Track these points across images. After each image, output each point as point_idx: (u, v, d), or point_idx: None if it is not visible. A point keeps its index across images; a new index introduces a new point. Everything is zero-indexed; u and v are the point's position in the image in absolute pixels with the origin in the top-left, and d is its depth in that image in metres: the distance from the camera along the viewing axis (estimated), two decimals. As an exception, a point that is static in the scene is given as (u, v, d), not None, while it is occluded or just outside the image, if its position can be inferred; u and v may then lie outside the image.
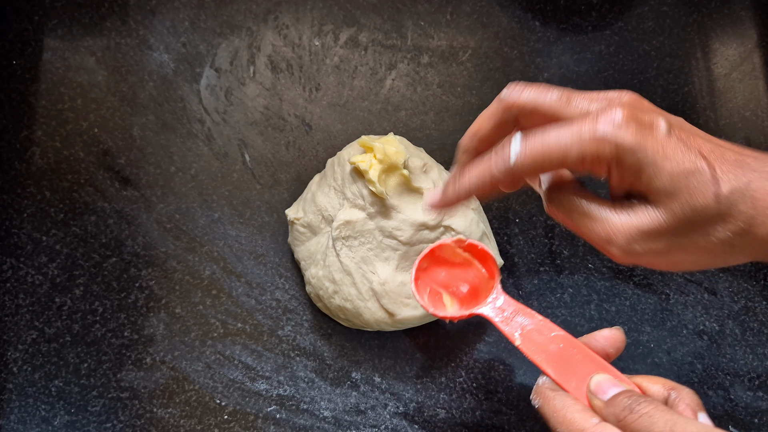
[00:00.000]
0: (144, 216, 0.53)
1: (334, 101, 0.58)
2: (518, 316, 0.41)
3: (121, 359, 0.50)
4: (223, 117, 0.56)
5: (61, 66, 0.56)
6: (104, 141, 0.55)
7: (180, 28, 0.58)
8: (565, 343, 0.38)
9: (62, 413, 0.49)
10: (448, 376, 0.51)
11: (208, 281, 0.52)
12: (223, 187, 0.55)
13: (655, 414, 0.31)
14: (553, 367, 0.38)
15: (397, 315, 0.48)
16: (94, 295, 0.51)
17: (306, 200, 0.52)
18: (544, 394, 0.37)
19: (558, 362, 0.38)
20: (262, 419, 0.49)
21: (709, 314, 0.54)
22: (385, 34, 0.59)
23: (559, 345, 0.38)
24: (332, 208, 0.50)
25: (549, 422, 0.36)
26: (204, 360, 0.50)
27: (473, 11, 0.60)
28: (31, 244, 0.52)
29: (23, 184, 0.53)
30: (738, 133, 0.59)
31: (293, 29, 0.59)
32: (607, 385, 0.35)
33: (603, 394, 0.35)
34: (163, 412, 0.49)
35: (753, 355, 0.53)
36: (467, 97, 0.58)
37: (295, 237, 0.52)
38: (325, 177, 0.51)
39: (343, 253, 0.48)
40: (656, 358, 0.53)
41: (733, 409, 0.52)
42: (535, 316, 0.40)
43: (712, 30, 0.61)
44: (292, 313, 0.52)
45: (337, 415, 0.50)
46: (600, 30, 0.61)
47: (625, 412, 0.32)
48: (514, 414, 0.51)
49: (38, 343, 0.50)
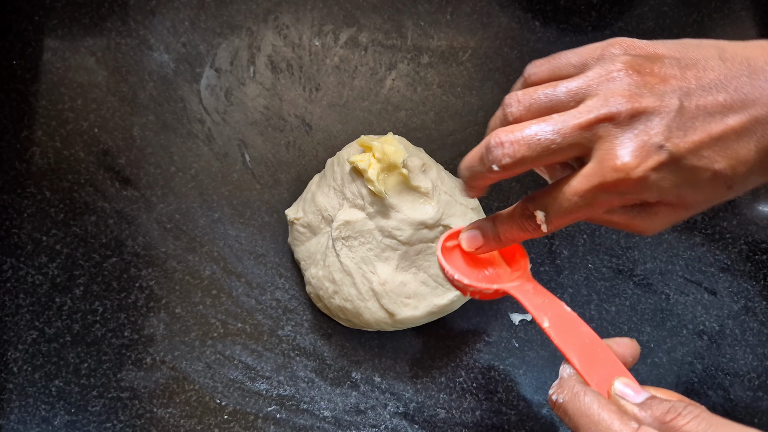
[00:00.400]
0: (144, 216, 0.53)
1: (334, 101, 0.58)
2: (547, 302, 0.39)
3: (121, 359, 0.50)
4: (223, 117, 0.56)
5: (62, 66, 0.56)
6: (104, 141, 0.55)
7: (180, 28, 0.58)
8: (590, 340, 0.37)
9: (62, 413, 0.49)
10: (448, 376, 0.51)
11: (208, 281, 0.52)
12: (223, 187, 0.55)
13: (709, 418, 0.30)
14: (578, 358, 0.36)
15: (397, 315, 0.48)
16: (95, 295, 0.51)
17: (306, 200, 0.52)
18: (571, 388, 0.34)
19: (583, 355, 0.36)
20: (262, 419, 0.49)
21: (709, 314, 0.54)
22: (385, 34, 0.59)
23: (586, 341, 0.37)
24: (332, 208, 0.50)
25: (572, 420, 0.33)
26: (204, 360, 0.50)
27: (473, 11, 0.60)
28: (31, 244, 0.52)
29: (23, 184, 0.53)
30: (738, 133, 0.59)
31: (293, 29, 0.59)
32: (636, 388, 0.34)
33: (634, 397, 0.33)
34: (163, 412, 0.49)
35: (753, 355, 0.53)
36: (467, 97, 0.58)
37: (295, 237, 0.52)
38: (324, 177, 0.51)
39: (343, 253, 0.48)
40: (656, 358, 0.53)
41: (733, 409, 0.52)
42: (564, 308, 0.38)
43: (712, 30, 0.61)
44: (292, 313, 0.52)
45: (337, 415, 0.50)
46: (600, 30, 0.61)
47: (671, 415, 0.31)
48: (514, 414, 0.51)
49: (38, 343, 0.50)
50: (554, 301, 0.39)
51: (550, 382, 0.52)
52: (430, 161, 0.51)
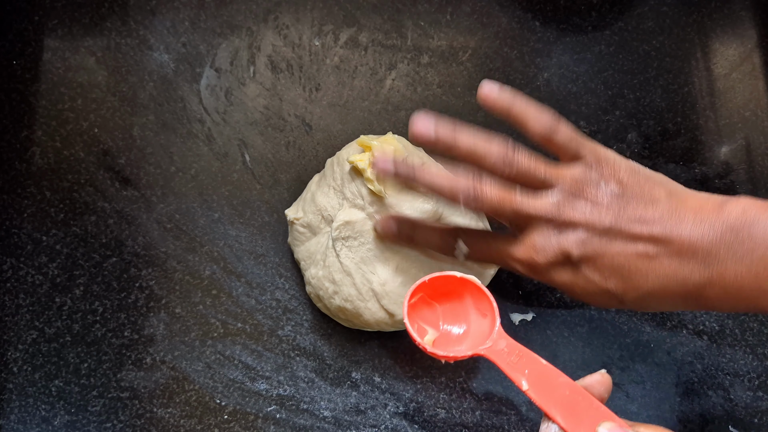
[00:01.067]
0: (144, 216, 0.53)
1: (334, 101, 0.58)
2: (522, 359, 0.40)
3: (121, 359, 0.50)
4: (223, 117, 0.56)
5: (62, 66, 0.56)
6: (104, 141, 0.55)
7: (180, 28, 0.58)
8: (570, 390, 0.38)
9: (62, 413, 0.49)
10: (448, 376, 0.51)
11: (208, 281, 0.52)
12: (223, 187, 0.55)
13: None
14: (562, 415, 0.37)
15: (398, 315, 0.48)
16: (95, 295, 0.51)
17: (305, 200, 0.52)
18: None
19: (566, 410, 0.37)
20: (262, 419, 0.49)
21: (709, 314, 0.54)
22: (385, 34, 0.59)
23: (566, 392, 0.37)
24: (332, 208, 0.50)
25: None
26: (204, 360, 0.50)
27: (473, 11, 0.60)
28: (31, 244, 0.52)
29: (23, 184, 0.53)
30: (738, 134, 0.59)
31: (293, 29, 0.59)
32: (619, 430, 0.36)
33: None
34: (163, 412, 0.49)
35: (753, 355, 0.53)
36: (467, 97, 0.58)
37: (294, 237, 0.52)
38: (324, 177, 0.51)
39: (343, 253, 0.48)
40: (656, 358, 0.53)
41: (732, 409, 0.52)
42: (540, 361, 0.39)
43: (712, 30, 0.61)
44: (292, 313, 0.52)
45: (337, 415, 0.50)
46: (600, 30, 0.61)
47: None
48: (514, 414, 0.51)
49: (38, 343, 0.50)
50: (529, 355, 0.40)
51: (550, 382, 0.52)
52: (430, 160, 0.51)
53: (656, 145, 0.58)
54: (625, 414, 0.51)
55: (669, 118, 0.59)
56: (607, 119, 0.58)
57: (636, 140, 0.58)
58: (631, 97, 0.59)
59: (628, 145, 0.58)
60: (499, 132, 0.41)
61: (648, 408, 0.51)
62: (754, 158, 0.58)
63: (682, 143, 0.58)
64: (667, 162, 0.58)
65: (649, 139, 0.58)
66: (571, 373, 0.39)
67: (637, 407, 0.51)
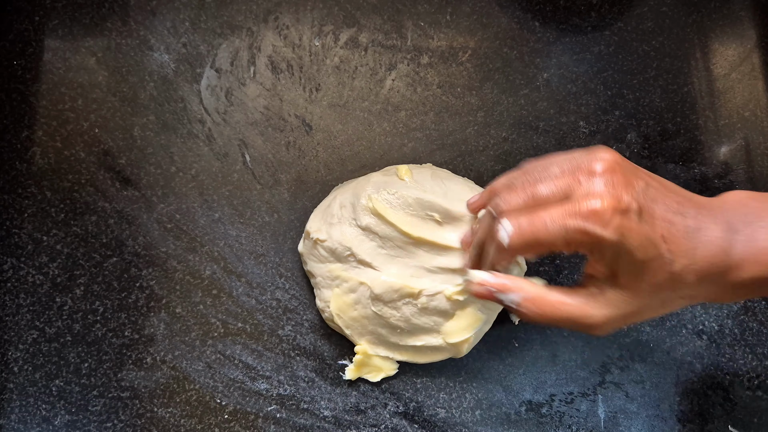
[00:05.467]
0: (144, 216, 0.53)
1: (334, 101, 0.58)
2: None
3: (121, 359, 0.50)
4: (223, 117, 0.56)
5: (62, 66, 0.56)
6: (105, 141, 0.55)
7: (180, 28, 0.58)
8: None
9: (63, 413, 0.49)
10: (448, 375, 0.51)
11: (208, 281, 0.52)
12: (223, 187, 0.55)
13: None
14: None
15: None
16: (95, 295, 0.51)
17: (331, 226, 0.50)
18: None
19: None
20: (262, 419, 0.49)
21: (709, 314, 0.54)
22: (385, 34, 0.59)
23: None
24: (365, 253, 0.49)
25: None
26: (204, 360, 0.50)
27: (473, 11, 0.60)
28: (31, 244, 0.52)
29: (24, 184, 0.53)
30: (737, 133, 0.59)
31: (293, 30, 0.59)
32: None
33: None
34: (164, 412, 0.49)
35: (752, 354, 0.53)
36: (467, 97, 0.58)
37: (312, 253, 0.51)
38: (348, 209, 0.50)
39: (385, 311, 0.48)
40: (656, 358, 0.53)
41: (732, 409, 0.52)
42: None
43: (712, 30, 0.61)
44: (292, 313, 0.52)
45: (337, 414, 0.50)
46: (599, 30, 0.61)
47: None
48: (514, 414, 0.51)
49: (39, 343, 0.50)
50: None
51: (550, 382, 0.52)
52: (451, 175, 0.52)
53: (656, 145, 0.58)
54: (625, 414, 0.52)
55: (668, 118, 0.59)
56: (607, 119, 0.58)
57: (635, 140, 0.58)
58: (631, 97, 0.59)
59: (628, 145, 0.58)
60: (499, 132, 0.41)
61: (648, 408, 0.51)
62: (754, 158, 0.58)
63: (681, 143, 0.58)
64: (667, 162, 0.58)
65: (649, 139, 0.58)
66: (571, 372, 0.39)
67: (637, 407, 0.51)
